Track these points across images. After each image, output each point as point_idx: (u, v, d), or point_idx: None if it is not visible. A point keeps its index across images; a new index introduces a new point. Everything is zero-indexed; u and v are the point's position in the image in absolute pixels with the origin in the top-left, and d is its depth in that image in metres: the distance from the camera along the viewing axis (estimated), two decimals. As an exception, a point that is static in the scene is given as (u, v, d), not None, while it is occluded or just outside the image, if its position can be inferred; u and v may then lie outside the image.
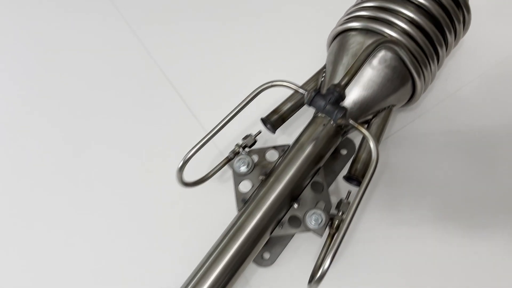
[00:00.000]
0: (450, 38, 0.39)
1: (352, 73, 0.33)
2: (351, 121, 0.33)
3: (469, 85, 0.47)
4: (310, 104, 0.33)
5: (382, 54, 0.37)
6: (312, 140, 0.36)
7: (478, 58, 0.49)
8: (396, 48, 0.35)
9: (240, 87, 0.44)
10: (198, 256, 0.34)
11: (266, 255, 0.40)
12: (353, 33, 0.38)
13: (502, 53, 0.49)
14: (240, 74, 0.49)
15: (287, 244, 0.41)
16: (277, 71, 0.48)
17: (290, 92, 0.41)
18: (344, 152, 0.44)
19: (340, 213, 0.34)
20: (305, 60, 0.47)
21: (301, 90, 0.34)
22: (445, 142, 0.44)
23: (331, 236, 0.34)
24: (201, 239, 0.36)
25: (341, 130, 0.37)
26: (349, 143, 0.44)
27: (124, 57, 0.52)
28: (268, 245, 0.41)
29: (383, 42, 0.34)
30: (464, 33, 0.43)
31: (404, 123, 0.46)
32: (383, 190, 0.42)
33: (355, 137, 0.44)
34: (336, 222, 0.34)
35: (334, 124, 0.34)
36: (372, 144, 0.32)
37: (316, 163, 0.36)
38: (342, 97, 0.32)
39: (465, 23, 0.42)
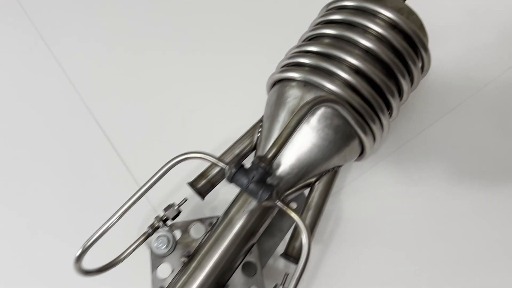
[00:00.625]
0: (405, 84, 0.34)
1: (281, 144, 0.27)
2: (279, 203, 0.28)
3: (432, 126, 0.43)
4: (231, 181, 0.27)
5: (322, 111, 0.32)
6: (244, 213, 0.30)
7: (442, 97, 0.44)
8: (337, 106, 0.30)
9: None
10: None
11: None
12: (292, 83, 0.33)
13: (468, 92, 0.45)
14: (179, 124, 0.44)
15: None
16: (219, 120, 0.43)
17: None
18: (292, 206, 0.39)
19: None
20: (248, 107, 0.42)
21: (220, 164, 0.29)
22: (405, 191, 0.40)
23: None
24: None
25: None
26: (298, 197, 0.39)
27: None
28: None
29: (319, 102, 0.29)
30: (423, 75, 0.38)
31: (359, 173, 0.41)
32: (339, 247, 0.38)
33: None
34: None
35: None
36: (304, 237, 0.27)
37: (247, 240, 0.31)
38: (268, 173, 0.27)
39: (424, 64, 0.37)
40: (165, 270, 0.31)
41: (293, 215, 0.28)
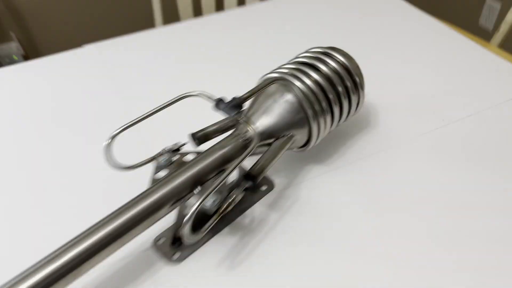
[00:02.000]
0: (345, 102, 0.51)
1: (252, 92, 0.44)
2: (242, 118, 0.43)
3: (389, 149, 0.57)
4: (216, 106, 0.44)
5: (283, 94, 0.49)
6: (222, 147, 0.45)
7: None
8: (293, 87, 0.48)
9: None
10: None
11: (176, 255, 0.46)
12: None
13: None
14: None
15: (197, 248, 0.47)
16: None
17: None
18: (264, 188, 0.52)
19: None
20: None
21: (213, 98, 0.45)
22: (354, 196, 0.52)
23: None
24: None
25: (246, 146, 0.46)
26: (269, 183, 0.53)
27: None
28: (180, 247, 0.47)
29: (280, 79, 0.46)
30: (360, 103, 0.55)
31: (318, 173, 0.54)
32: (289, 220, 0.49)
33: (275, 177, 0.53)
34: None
35: (233, 120, 0.45)
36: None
37: (222, 164, 0.45)
38: (240, 104, 0.43)
39: (359, 102, 0.54)
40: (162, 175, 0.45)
41: (249, 127, 0.43)
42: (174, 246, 0.47)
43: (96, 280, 0.44)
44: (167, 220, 0.47)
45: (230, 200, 0.43)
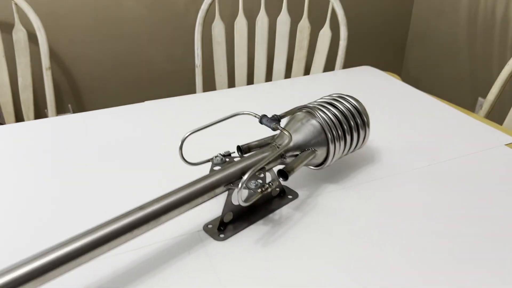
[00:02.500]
0: (355, 133, 0.67)
1: (286, 112, 0.61)
2: (280, 127, 0.59)
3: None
4: (260, 121, 0.60)
5: (309, 119, 0.65)
6: (262, 152, 0.61)
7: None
8: (317, 115, 0.64)
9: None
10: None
11: (221, 235, 0.59)
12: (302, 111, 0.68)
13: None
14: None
15: (237, 232, 0.60)
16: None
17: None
18: (290, 196, 0.66)
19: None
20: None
21: (258, 115, 0.61)
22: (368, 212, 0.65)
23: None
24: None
25: (281, 157, 0.62)
26: (294, 193, 0.67)
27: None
28: (224, 231, 0.60)
29: (306, 107, 0.63)
30: (367, 136, 0.70)
31: (337, 188, 0.68)
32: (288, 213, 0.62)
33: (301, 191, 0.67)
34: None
35: (274, 130, 0.60)
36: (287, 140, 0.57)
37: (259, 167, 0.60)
38: (278, 119, 0.59)
39: (366, 136, 0.70)
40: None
41: (285, 132, 0.58)
42: (220, 230, 0.60)
43: (160, 248, 0.56)
44: (213, 213, 0.61)
45: (268, 183, 0.57)
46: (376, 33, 2.52)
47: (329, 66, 1.78)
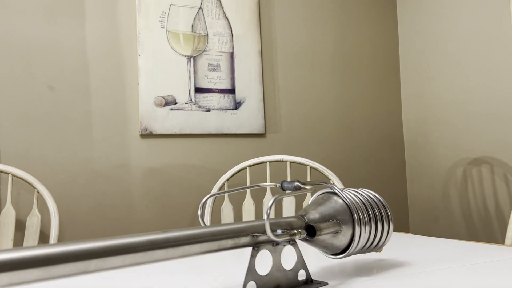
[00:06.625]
0: (379, 223, 0.66)
1: (311, 183, 0.61)
2: (297, 183, 0.58)
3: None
4: (282, 187, 0.60)
5: (335, 198, 0.64)
6: (287, 218, 0.59)
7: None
8: (344, 196, 0.64)
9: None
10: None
11: None
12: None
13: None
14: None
15: None
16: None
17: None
18: (318, 285, 0.60)
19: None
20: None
21: (277, 185, 0.61)
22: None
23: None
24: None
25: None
26: (323, 283, 0.61)
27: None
28: None
29: (334, 189, 0.64)
30: (388, 236, 0.68)
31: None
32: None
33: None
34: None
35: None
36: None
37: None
38: (299, 184, 0.59)
39: (389, 230, 0.68)
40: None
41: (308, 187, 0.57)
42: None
43: None
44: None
45: (294, 232, 0.53)
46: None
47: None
